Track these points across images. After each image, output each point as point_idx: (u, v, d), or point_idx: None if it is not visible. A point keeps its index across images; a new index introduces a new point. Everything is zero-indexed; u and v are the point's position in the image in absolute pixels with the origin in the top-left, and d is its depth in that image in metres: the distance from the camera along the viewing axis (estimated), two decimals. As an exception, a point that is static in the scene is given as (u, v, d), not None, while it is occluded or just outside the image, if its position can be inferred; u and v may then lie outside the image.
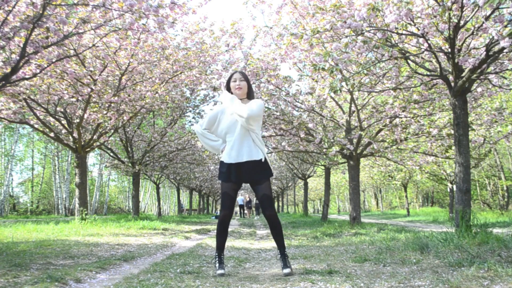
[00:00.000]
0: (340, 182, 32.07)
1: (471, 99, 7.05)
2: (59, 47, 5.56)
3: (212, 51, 8.08)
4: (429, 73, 5.23)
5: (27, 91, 6.99)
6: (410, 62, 5.47)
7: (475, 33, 4.54)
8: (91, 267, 2.97)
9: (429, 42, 4.65)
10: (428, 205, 34.80)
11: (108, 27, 5.60)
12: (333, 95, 7.97)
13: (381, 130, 8.47)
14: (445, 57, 4.96)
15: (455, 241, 3.67)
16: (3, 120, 7.53)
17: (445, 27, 4.28)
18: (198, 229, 8.75)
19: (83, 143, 8.51)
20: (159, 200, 19.46)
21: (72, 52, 6.14)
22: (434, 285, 2.28)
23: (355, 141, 8.38)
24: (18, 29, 4.53)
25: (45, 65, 5.85)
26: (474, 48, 4.72)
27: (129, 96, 8.05)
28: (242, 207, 24.37)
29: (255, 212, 22.77)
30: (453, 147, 6.14)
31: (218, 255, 2.88)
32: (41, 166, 31.57)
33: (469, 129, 6.40)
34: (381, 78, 6.62)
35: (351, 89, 6.66)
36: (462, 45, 4.60)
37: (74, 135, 8.27)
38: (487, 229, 3.94)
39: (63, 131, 8.69)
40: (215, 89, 9.20)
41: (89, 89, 7.18)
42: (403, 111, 7.37)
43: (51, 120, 8.14)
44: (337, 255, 3.95)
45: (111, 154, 12.36)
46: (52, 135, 8.15)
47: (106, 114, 8.11)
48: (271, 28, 6.88)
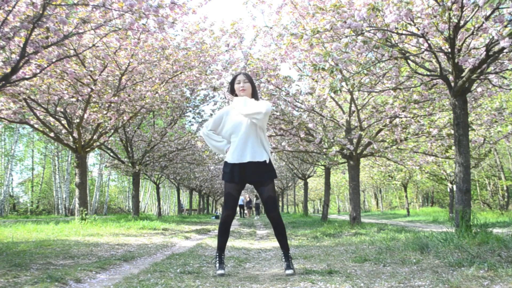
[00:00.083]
0: (340, 182, 32.07)
1: (471, 99, 7.05)
2: (59, 47, 5.56)
3: (212, 51, 8.08)
4: (429, 73, 5.23)
5: (27, 91, 6.99)
6: (410, 62, 5.47)
7: (475, 33, 4.54)
8: (91, 267, 2.98)
9: (429, 42, 4.65)
10: (428, 205, 34.80)
11: (108, 27, 5.60)
12: (333, 95, 7.97)
13: (381, 130, 8.47)
14: (445, 57, 4.96)
15: (455, 241, 3.67)
16: (3, 120, 7.53)
17: (445, 27, 4.28)
18: (198, 229, 8.75)
19: (83, 143, 8.52)
20: (159, 200, 19.46)
21: (72, 52, 6.14)
22: (434, 285, 2.29)
23: (355, 141, 8.38)
24: (18, 29, 4.53)
25: (45, 65, 5.84)
26: (474, 48, 4.72)
27: (129, 96, 8.05)
28: (242, 207, 24.37)
29: (255, 212, 22.77)
30: (453, 147, 6.14)
31: (218, 255, 2.89)
32: (41, 166, 31.58)
33: (469, 129, 6.40)
34: (381, 78, 6.62)
35: (351, 89, 6.66)
36: (462, 45, 4.60)
37: (74, 135, 8.27)
38: (487, 229, 3.94)
39: (63, 131, 8.69)
40: (215, 89, 9.20)
41: (89, 89, 7.18)
42: (403, 111, 7.37)
43: (51, 120, 8.14)
44: (337, 255, 3.95)
45: (111, 154, 12.36)
46: (52, 135, 8.15)
47: (106, 114, 8.11)
48: (271, 28, 6.88)
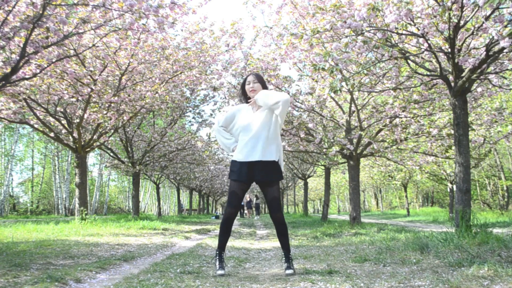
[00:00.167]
0: (340, 182, 32.07)
1: (471, 99, 7.05)
2: (59, 47, 5.56)
3: (212, 51, 8.08)
4: (429, 73, 5.23)
5: (27, 91, 6.99)
6: (410, 62, 5.47)
7: (475, 33, 4.54)
8: (91, 267, 2.97)
9: (429, 42, 4.65)
10: (428, 205, 34.80)
11: (108, 27, 5.60)
12: (333, 95, 7.97)
13: (381, 130, 8.47)
14: (445, 57, 4.96)
15: (455, 241, 3.67)
16: (3, 120, 7.53)
17: (445, 27, 4.28)
18: (198, 229, 8.74)
19: (83, 143, 8.51)
20: (159, 200, 19.46)
21: (72, 52, 6.14)
22: (434, 285, 2.29)
23: (355, 141, 8.38)
24: (18, 29, 4.53)
25: (45, 65, 5.84)
26: (474, 48, 4.72)
27: (129, 96, 8.05)
28: (242, 207, 24.37)
29: (255, 212, 22.76)
30: (453, 147, 6.14)
31: (219, 253, 2.88)
32: (41, 166, 31.57)
33: (469, 129, 6.40)
34: (381, 78, 6.62)
35: (351, 89, 6.66)
36: (462, 45, 4.60)
37: (74, 135, 8.27)
38: (487, 229, 3.94)
39: (63, 131, 8.69)
40: (215, 89, 9.20)
41: (89, 89, 7.18)
42: (403, 111, 7.37)
43: (51, 120, 8.14)
44: (337, 255, 3.95)
45: (111, 154, 12.36)
46: (52, 135, 8.15)
47: (106, 114, 8.11)
48: (271, 28, 6.89)
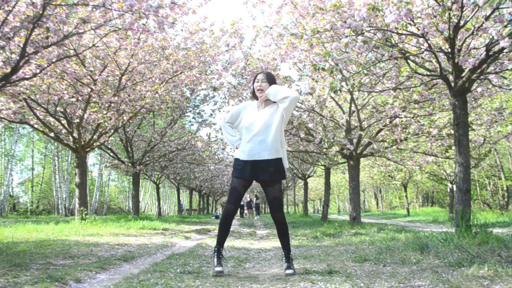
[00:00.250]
0: (340, 182, 32.07)
1: (471, 99, 7.05)
2: (59, 47, 5.56)
3: (212, 51, 8.08)
4: (429, 73, 5.23)
5: (27, 91, 6.99)
6: (410, 62, 5.47)
7: (475, 33, 4.54)
8: (91, 267, 2.97)
9: (429, 42, 4.65)
10: (428, 205, 34.80)
11: (108, 27, 5.60)
12: (333, 95, 7.97)
13: (381, 130, 8.47)
14: (445, 57, 4.96)
15: (455, 241, 3.67)
16: (3, 120, 7.53)
17: (445, 27, 4.28)
18: (198, 229, 8.74)
19: (83, 143, 8.51)
20: (159, 200, 19.46)
21: (72, 52, 6.14)
22: (434, 285, 2.29)
23: (355, 141, 8.38)
24: (18, 29, 4.53)
25: (45, 65, 5.84)
26: (474, 48, 4.71)
27: (129, 96, 8.05)
28: (242, 207, 24.37)
29: (255, 212, 22.76)
30: (453, 147, 6.14)
31: (217, 250, 2.88)
32: (41, 166, 31.56)
33: (469, 129, 6.40)
34: (381, 78, 6.62)
35: (351, 89, 6.66)
36: (462, 45, 4.60)
37: (74, 135, 8.27)
38: (487, 229, 3.94)
39: (63, 131, 8.69)
40: (215, 89, 9.21)
41: (89, 89, 7.18)
42: (403, 111, 7.37)
43: (51, 120, 8.14)
44: (337, 255, 3.95)
45: (111, 154, 12.36)
46: (52, 135, 8.15)
47: (106, 114, 8.11)
48: (271, 28, 6.89)
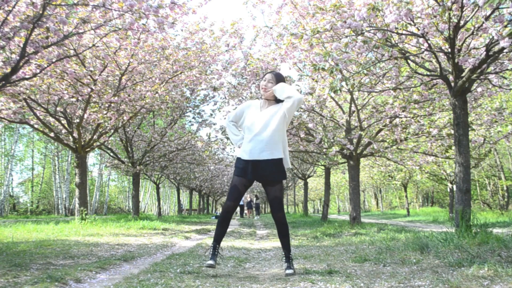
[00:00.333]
0: (340, 182, 32.07)
1: (471, 99, 7.05)
2: (59, 47, 5.56)
3: (212, 51, 8.08)
4: (429, 73, 5.23)
5: (27, 91, 6.99)
6: (410, 62, 5.47)
7: (475, 33, 4.54)
8: (91, 267, 2.97)
9: (429, 42, 4.65)
10: (428, 205, 34.80)
11: (108, 27, 5.60)
12: (333, 95, 7.97)
13: (381, 130, 8.47)
14: (445, 57, 4.96)
15: (455, 241, 3.67)
16: (3, 120, 7.53)
17: (445, 27, 4.28)
18: (198, 229, 8.74)
19: (83, 143, 8.51)
20: (159, 200, 19.46)
21: (72, 52, 6.14)
22: (434, 285, 2.29)
23: (355, 141, 8.38)
24: (18, 29, 4.53)
25: (45, 65, 5.84)
26: (474, 48, 4.72)
27: (129, 96, 8.05)
28: (242, 207, 24.37)
29: (255, 212, 22.76)
30: (453, 147, 6.14)
31: (213, 246, 2.88)
32: (41, 166, 31.55)
33: (469, 129, 6.40)
34: (381, 78, 6.62)
35: (351, 89, 6.66)
36: (462, 45, 4.60)
37: (74, 135, 8.27)
38: (487, 229, 3.94)
39: (63, 131, 8.69)
40: (215, 89, 9.20)
41: (89, 89, 7.18)
42: (403, 111, 7.37)
43: (51, 120, 8.14)
44: (337, 255, 3.95)
45: (111, 154, 12.36)
46: (52, 135, 8.15)
47: (106, 114, 8.11)
48: (271, 28, 6.89)
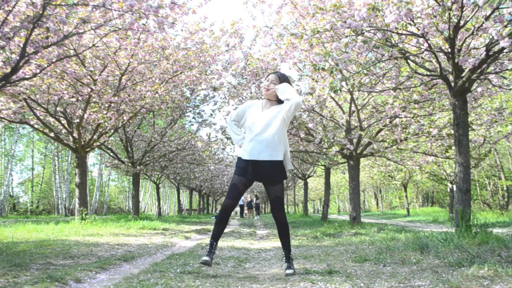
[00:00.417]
0: (340, 182, 32.07)
1: (471, 99, 7.05)
2: (59, 47, 5.56)
3: (212, 51, 8.08)
4: (429, 73, 5.23)
5: (27, 91, 6.99)
6: (410, 62, 5.47)
7: (475, 33, 4.54)
8: (91, 267, 2.97)
9: (429, 42, 4.65)
10: (428, 205, 34.79)
11: (108, 27, 5.60)
12: (333, 95, 7.97)
13: (381, 130, 8.47)
14: (445, 57, 4.96)
15: (455, 241, 3.67)
16: (3, 120, 7.53)
17: (445, 27, 4.28)
18: (198, 229, 8.74)
19: (83, 143, 8.51)
20: (159, 200, 19.46)
21: (72, 52, 6.14)
22: (434, 285, 2.29)
23: (355, 141, 8.38)
24: (18, 29, 4.53)
25: (45, 65, 5.84)
26: (474, 48, 4.72)
27: (129, 96, 8.05)
28: (242, 207, 24.39)
29: (255, 212, 22.77)
30: (453, 147, 6.14)
31: (210, 243, 2.88)
32: (41, 166, 31.54)
33: (469, 129, 6.40)
34: (381, 78, 6.62)
35: (351, 89, 6.66)
36: (462, 45, 4.60)
37: (74, 135, 8.27)
38: (487, 229, 3.94)
39: (63, 131, 8.69)
40: (215, 89, 9.20)
41: (89, 89, 7.18)
42: (403, 111, 7.37)
43: (51, 120, 8.14)
44: (337, 255, 3.95)
45: (111, 154, 12.36)
46: (52, 135, 8.15)
47: (106, 114, 8.11)
48: (271, 28, 6.89)
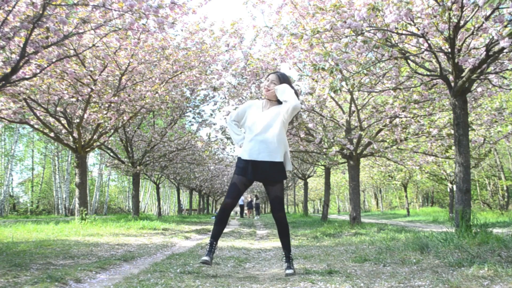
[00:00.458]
0: (340, 182, 32.07)
1: (471, 99, 7.05)
2: (59, 47, 5.56)
3: (212, 51, 8.08)
4: (429, 73, 5.23)
5: (27, 91, 6.99)
6: (410, 62, 5.47)
7: (475, 33, 4.54)
8: (91, 267, 2.97)
9: (429, 42, 4.65)
10: (428, 205, 34.79)
11: (108, 27, 5.60)
12: (333, 95, 7.97)
13: (381, 130, 8.47)
14: (445, 57, 4.96)
15: (455, 241, 3.67)
16: (3, 120, 7.53)
17: (445, 27, 4.28)
18: (198, 229, 8.74)
19: (83, 143, 8.51)
20: (159, 200, 19.46)
21: (72, 52, 6.14)
22: (434, 285, 2.29)
23: (355, 141, 8.38)
24: (18, 29, 4.53)
25: (45, 65, 5.84)
26: (474, 48, 4.72)
27: (129, 96, 8.05)
28: (242, 207, 24.39)
29: (255, 212, 22.77)
30: (453, 147, 6.14)
31: (210, 243, 2.88)
32: (41, 166, 31.54)
33: (469, 129, 6.40)
34: (381, 78, 6.62)
35: (351, 89, 6.66)
36: (462, 45, 4.60)
37: (74, 135, 8.27)
38: (487, 229, 3.94)
39: (63, 131, 8.69)
40: (215, 89, 9.20)
41: (89, 89, 7.18)
42: (403, 111, 7.37)
43: (51, 120, 8.14)
44: (337, 255, 3.95)
45: (111, 154, 12.36)
46: (52, 135, 8.15)
47: (106, 114, 8.10)
48: (271, 28, 6.89)
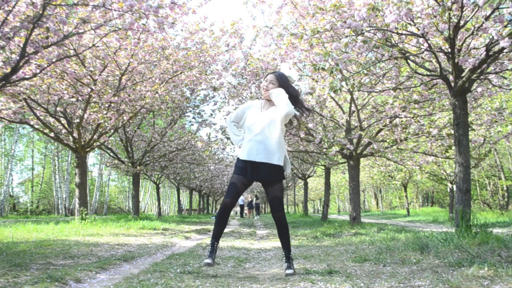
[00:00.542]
0: (340, 182, 32.07)
1: (471, 99, 7.05)
2: (59, 47, 5.56)
3: (212, 51, 8.08)
4: (429, 73, 5.23)
5: (27, 91, 6.99)
6: (410, 62, 5.47)
7: (475, 33, 4.54)
8: (91, 267, 2.97)
9: (429, 42, 4.65)
10: (428, 205, 34.80)
11: (108, 27, 5.60)
12: (333, 95, 7.97)
13: (381, 130, 8.47)
14: (445, 57, 4.96)
15: (455, 241, 3.67)
16: (3, 120, 7.53)
17: (445, 27, 4.28)
18: (198, 229, 8.74)
19: (83, 143, 8.51)
20: (159, 200, 19.46)
21: (72, 52, 6.14)
22: (434, 285, 2.29)
23: (355, 141, 8.38)
24: (18, 29, 4.53)
25: (45, 65, 5.84)
26: (474, 48, 4.72)
27: (129, 96, 8.05)
28: (242, 207, 24.39)
29: (255, 212, 22.76)
30: (453, 147, 6.14)
31: (211, 244, 2.88)
32: (41, 166, 31.54)
33: (469, 129, 6.40)
34: (381, 78, 6.62)
35: (351, 89, 6.66)
36: (462, 45, 4.60)
37: (74, 135, 8.27)
38: (487, 229, 3.94)
39: (63, 131, 8.68)
40: (215, 89, 9.20)
41: (89, 89, 7.18)
42: (403, 111, 7.37)
43: (51, 120, 8.14)
44: (337, 255, 3.95)
45: (111, 154, 12.36)
46: (52, 135, 8.15)
47: (106, 114, 8.10)
48: (271, 28, 6.89)
